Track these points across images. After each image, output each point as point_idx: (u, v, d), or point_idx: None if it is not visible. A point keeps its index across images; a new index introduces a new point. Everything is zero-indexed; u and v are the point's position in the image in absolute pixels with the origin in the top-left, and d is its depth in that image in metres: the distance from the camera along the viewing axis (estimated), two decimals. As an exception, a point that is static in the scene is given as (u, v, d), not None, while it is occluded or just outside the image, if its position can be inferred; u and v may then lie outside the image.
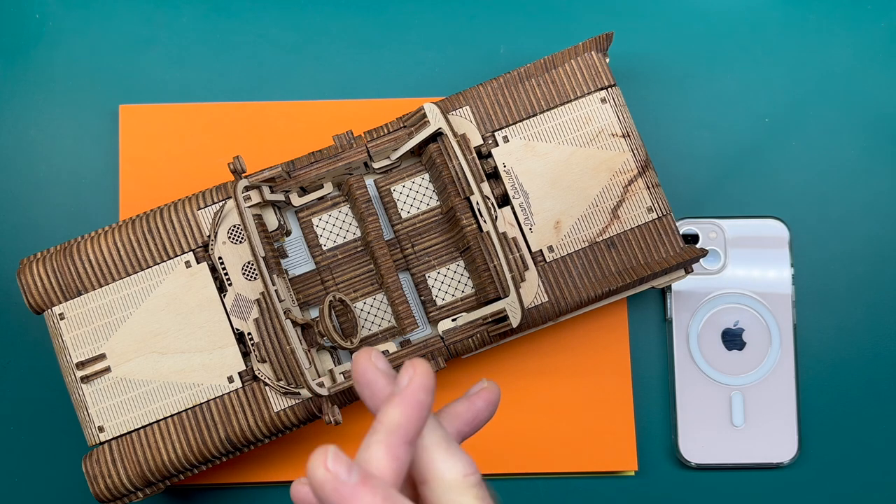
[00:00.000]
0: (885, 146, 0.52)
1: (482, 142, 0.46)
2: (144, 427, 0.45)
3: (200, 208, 0.45)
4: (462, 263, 0.47)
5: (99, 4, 0.52)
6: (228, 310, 0.45)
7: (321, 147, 0.49)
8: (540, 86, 0.46)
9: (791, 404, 0.50)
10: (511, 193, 0.46)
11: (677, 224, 0.48)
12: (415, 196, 0.47)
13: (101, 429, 0.45)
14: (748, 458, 0.50)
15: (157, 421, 0.45)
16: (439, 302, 0.46)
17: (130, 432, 0.45)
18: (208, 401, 0.45)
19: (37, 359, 0.50)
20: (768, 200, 0.52)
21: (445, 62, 0.52)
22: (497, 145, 0.46)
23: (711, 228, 0.51)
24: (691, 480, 0.50)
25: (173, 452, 0.44)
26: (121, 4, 0.52)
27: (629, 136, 0.46)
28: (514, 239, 0.45)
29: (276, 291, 0.43)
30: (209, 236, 0.45)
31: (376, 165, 0.46)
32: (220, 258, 0.45)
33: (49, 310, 0.45)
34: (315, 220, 0.47)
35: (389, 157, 0.46)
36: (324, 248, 0.47)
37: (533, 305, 0.45)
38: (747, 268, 0.51)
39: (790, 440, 0.50)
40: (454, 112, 0.46)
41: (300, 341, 0.44)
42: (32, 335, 0.50)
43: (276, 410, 0.45)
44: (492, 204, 0.45)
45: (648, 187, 0.46)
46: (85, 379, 0.45)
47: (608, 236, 0.46)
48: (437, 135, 0.45)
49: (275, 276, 0.44)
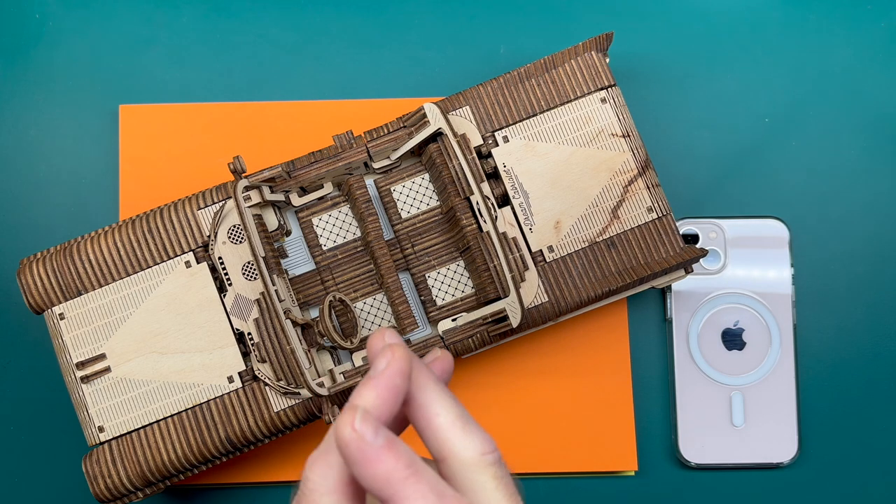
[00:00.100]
0: (885, 146, 0.52)
1: (482, 142, 0.46)
2: (144, 427, 0.45)
3: (200, 208, 0.45)
4: (462, 263, 0.47)
5: (99, 4, 0.52)
6: (228, 310, 0.45)
7: (321, 147, 0.49)
8: (540, 86, 0.46)
9: (791, 404, 0.50)
10: (511, 193, 0.46)
11: (677, 224, 0.48)
12: (415, 196, 0.47)
13: (101, 429, 0.45)
14: (748, 458, 0.50)
15: (157, 421, 0.45)
16: (439, 302, 0.46)
17: (130, 432, 0.45)
18: (208, 401, 0.45)
19: (37, 359, 0.50)
20: (768, 200, 0.52)
21: (445, 62, 0.52)
22: (497, 145, 0.46)
23: (711, 228, 0.51)
24: (691, 480, 0.50)
25: (173, 452, 0.44)
26: (121, 4, 0.52)
27: (629, 136, 0.46)
28: (514, 239, 0.45)
29: (276, 291, 0.43)
30: (209, 236, 0.45)
31: (376, 165, 0.46)
32: (220, 258, 0.45)
33: (49, 310, 0.45)
34: (315, 220, 0.47)
35: (389, 157, 0.46)
36: (324, 248, 0.47)
37: (533, 305, 0.45)
38: (747, 268, 0.51)
39: (790, 440, 0.50)
40: (454, 112, 0.46)
41: (300, 341, 0.44)
42: (32, 335, 0.50)
43: (276, 410, 0.45)
44: (492, 204, 0.45)
45: (648, 187, 0.46)
46: (85, 379, 0.45)
47: (608, 236, 0.46)
48: (437, 135, 0.45)
49: (275, 276, 0.44)
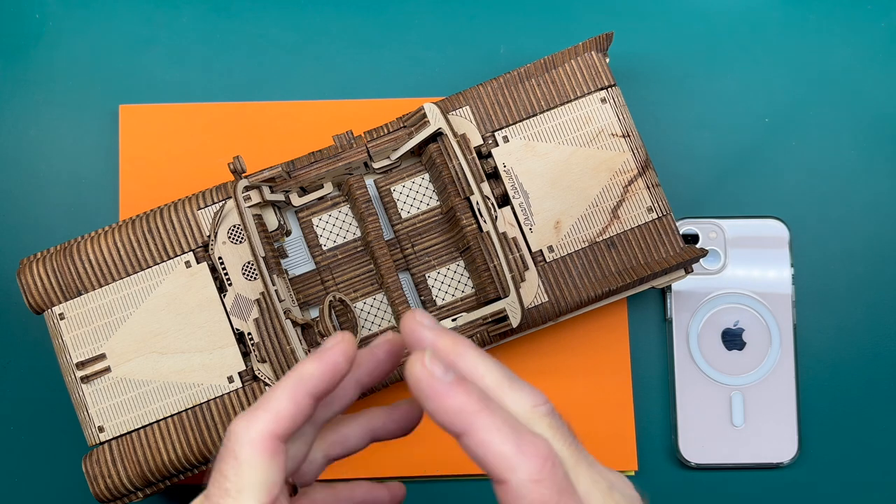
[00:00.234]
0: (885, 146, 0.52)
1: (482, 142, 0.46)
2: (144, 427, 0.45)
3: (200, 208, 0.45)
4: (462, 263, 0.47)
5: (99, 4, 0.52)
6: (228, 310, 0.45)
7: (321, 147, 0.49)
8: (540, 86, 0.46)
9: (791, 404, 0.50)
10: (511, 193, 0.46)
11: (677, 224, 0.48)
12: (415, 196, 0.47)
13: (101, 429, 0.45)
14: (748, 458, 0.49)
15: (157, 421, 0.45)
16: (439, 302, 0.46)
17: (130, 432, 0.45)
18: (208, 401, 0.45)
19: (37, 359, 0.50)
20: (768, 200, 0.52)
21: (445, 62, 0.52)
22: (497, 145, 0.46)
23: (711, 228, 0.51)
24: (691, 480, 0.50)
25: (173, 452, 0.44)
26: (121, 4, 0.52)
27: (629, 136, 0.46)
28: (514, 239, 0.45)
29: (276, 291, 0.43)
30: (209, 236, 0.45)
31: (376, 165, 0.46)
32: (220, 258, 0.45)
33: (49, 310, 0.45)
34: (315, 220, 0.47)
35: (389, 157, 0.46)
36: (324, 248, 0.47)
37: (533, 305, 0.45)
38: (747, 268, 0.51)
39: (790, 440, 0.50)
40: (454, 112, 0.46)
41: (300, 341, 0.44)
42: (32, 335, 0.50)
43: (276, 410, 0.45)
44: (492, 204, 0.45)
45: (648, 187, 0.46)
46: (85, 379, 0.45)
47: (608, 236, 0.46)
48: (437, 135, 0.45)
49: (275, 276, 0.44)
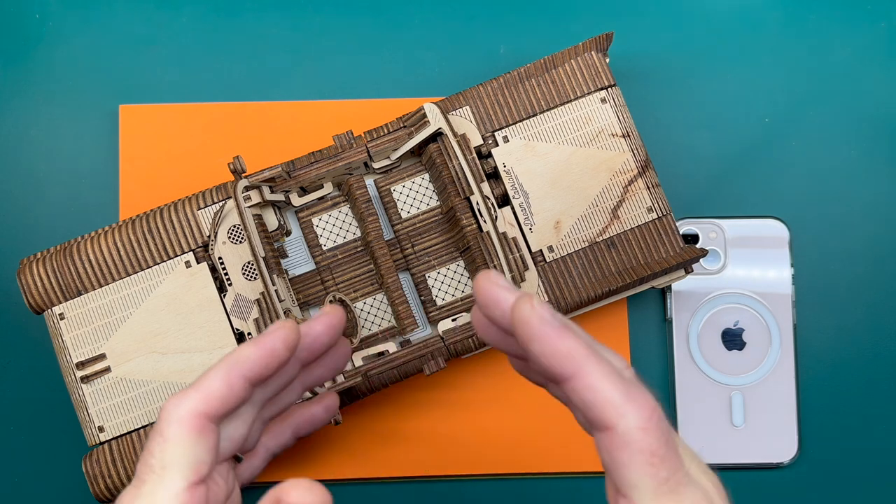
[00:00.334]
0: (885, 146, 0.52)
1: (482, 142, 0.46)
2: (144, 427, 0.45)
3: (200, 208, 0.45)
4: (462, 263, 0.47)
5: (99, 4, 0.52)
6: (228, 310, 0.45)
7: (321, 147, 0.49)
8: (540, 86, 0.46)
9: (791, 404, 0.50)
10: (511, 193, 0.46)
11: (677, 224, 0.48)
12: (415, 196, 0.47)
13: (101, 429, 0.45)
14: (748, 458, 0.49)
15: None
16: (439, 302, 0.46)
17: (130, 432, 0.45)
18: (208, 401, 0.45)
19: (37, 359, 0.50)
20: (768, 200, 0.52)
21: (445, 62, 0.52)
22: (497, 145, 0.46)
23: (711, 228, 0.51)
24: (691, 480, 0.50)
25: (173, 452, 0.44)
26: (121, 4, 0.52)
27: (629, 136, 0.46)
28: (514, 239, 0.45)
29: (276, 291, 0.43)
30: (209, 236, 0.45)
31: (376, 165, 0.46)
32: (220, 258, 0.45)
33: (49, 310, 0.45)
34: (315, 220, 0.47)
35: (389, 157, 0.46)
36: (324, 248, 0.47)
37: (533, 305, 0.45)
38: (747, 268, 0.51)
39: (790, 440, 0.50)
40: (454, 112, 0.46)
41: (300, 341, 0.44)
42: (32, 335, 0.50)
43: (276, 410, 0.45)
44: (492, 204, 0.45)
45: (648, 187, 0.46)
46: (85, 379, 0.45)
47: (608, 236, 0.46)
48: (437, 135, 0.45)
49: (275, 276, 0.44)
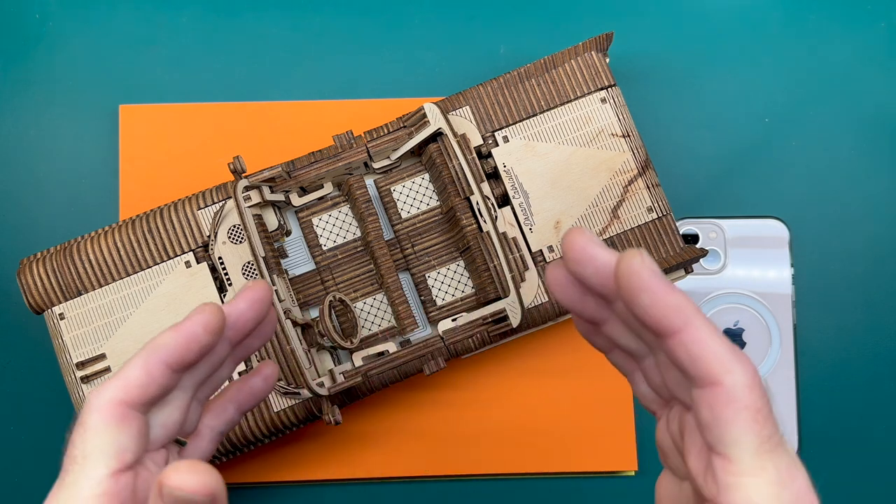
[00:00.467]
0: (885, 146, 0.52)
1: (482, 142, 0.46)
2: (144, 427, 0.45)
3: (200, 208, 0.45)
4: (462, 263, 0.47)
5: (99, 4, 0.52)
6: (228, 310, 0.45)
7: (321, 147, 0.49)
8: (540, 86, 0.46)
9: (791, 404, 0.50)
10: (511, 193, 0.46)
11: (677, 224, 0.48)
12: (415, 196, 0.47)
13: (101, 429, 0.45)
14: (748, 458, 0.49)
15: (157, 421, 0.45)
16: (439, 302, 0.46)
17: (130, 432, 0.45)
18: (208, 401, 0.45)
19: (37, 359, 0.50)
20: (768, 200, 0.52)
21: (445, 62, 0.52)
22: (497, 145, 0.46)
23: (711, 228, 0.51)
24: (691, 480, 0.50)
25: (173, 452, 0.44)
26: (121, 5, 0.52)
27: (629, 136, 0.46)
28: (514, 239, 0.45)
29: (276, 291, 0.43)
30: (209, 236, 0.45)
31: (376, 165, 0.46)
32: (220, 258, 0.45)
33: (49, 310, 0.45)
34: (315, 220, 0.47)
35: (389, 157, 0.46)
36: (324, 248, 0.47)
37: (533, 305, 0.45)
38: (747, 268, 0.51)
39: (790, 439, 0.50)
40: (454, 112, 0.46)
41: (300, 341, 0.44)
42: (32, 335, 0.50)
43: (276, 410, 0.45)
44: (492, 204, 0.45)
45: (648, 187, 0.46)
46: (85, 379, 0.45)
47: (608, 236, 0.46)
48: (437, 135, 0.45)
49: (275, 276, 0.44)
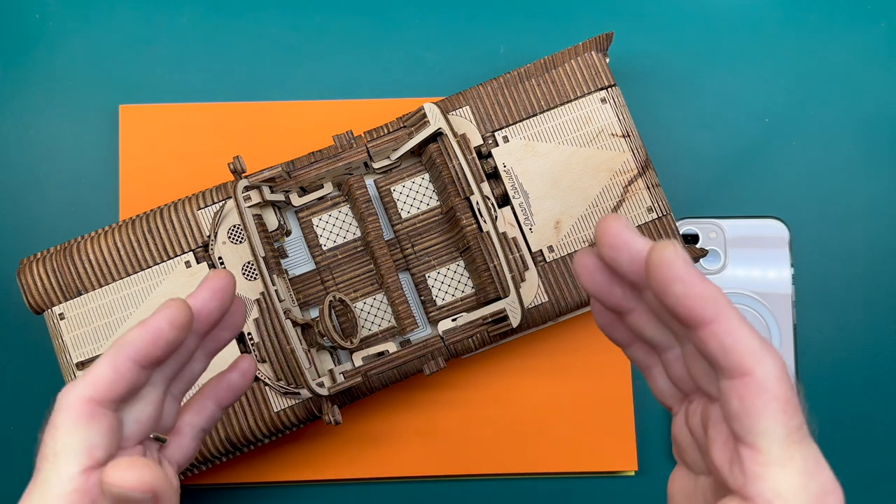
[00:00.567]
0: (885, 146, 0.52)
1: (482, 142, 0.46)
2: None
3: (200, 208, 0.45)
4: (462, 263, 0.47)
5: (99, 4, 0.52)
6: (228, 310, 0.45)
7: (321, 147, 0.49)
8: (540, 86, 0.46)
9: (791, 404, 0.50)
10: (511, 193, 0.46)
11: (677, 224, 0.48)
12: (415, 196, 0.47)
13: (101, 429, 0.45)
14: (748, 458, 0.49)
15: (157, 421, 0.45)
16: (439, 302, 0.46)
17: (130, 432, 0.45)
18: (208, 401, 0.44)
19: (37, 359, 0.50)
20: (768, 200, 0.52)
21: (445, 62, 0.52)
22: (497, 145, 0.46)
23: (711, 228, 0.51)
24: (691, 480, 0.50)
25: (173, 452, 0.44)
26: (121, 4, 0.52)
27: (629, 136, 0.46)
28: (514, 239, 0.45)
29: (276, 291, 0.43)
30: (209, 236, 0.45)
31: (376, 165, 0.46)
32: (220, 258, 0.45)
33: (49, 310, 0.45)
34: (315, 220, 0.47)
35: (389, 157, 0.46)
36: (324, 248, 0.46)
37: (533, 305, 0.45)
38: (747, 268, 0.51)
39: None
40: (454, 112, 0.46)
41: (300, 341, 0.44)
42: (32, 335, 0.50)
43: (276, 410, 0.45)
44: (492, 204, 0.45)
45: (648, 187, 0.46)
46: (85, 379, 0.44)
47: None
48: (437, 135, 0.45)
49: (275, 276, 0.44)
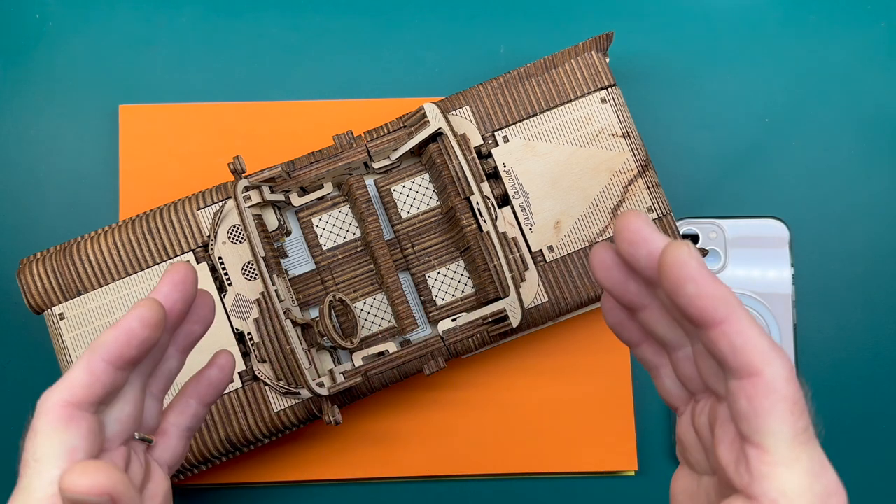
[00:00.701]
0: (885, 146, 0.52)
1: (482, 142, 0.46)
2: (144, 427, 0.45)
3: (200, 208, 0.45)
4: (462, 263, 0.47)
5: (99, 4, 0.52)
6: (228, 310, 0.45)
7: (321, 147, 0.49)
8: (540, 86, 0.46)
9: (791, 404, 0.50)
10: (511, 193, 0.46)
11: (677, 224, 0.48)
12: (415, 196, 0.47)
13: (101, 429, 0.45)
14: (748, 458, 0.49)
15: (157, 421, 0.45)
16: (439, 302, 0.46)
17: (130, 432, 0.45)
18: (208, 401, 0.45)
19: (37, 359, 0.50)
20: (768, 200, 0.52)
21: (445, 62, 0.52)
22: (497, 145, 0.46)
23: (711, 228, 0.51)
24: (691, 480, 0.50)
25: (173, 452, 0.44)
26: (121, 4, 0.52)
27: (629, 136, 0.46)
28: (514, 239, 0.45)
29: (276, 291, 0.43)
30: (209, 236, 0.45)
31: (376, 165, 0.46)
32: (220, 258, 0.45)
33: (49, 310, 0.45)
34: (315, 220, 0.47)
35: (389, 157, 0.46)
36: (324, 248, 0.47)
37: (533, 305, 0.45)
38: (747, 268, 0.51)
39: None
40: (454, 112, 0.46)
41: (300, 341, 0.44)
42: (32, 335, 0.50)
43: (276, 410, 0.45)
44: (492, 204, 0.45)
45: (648, 187, 0.46)
46: (85, 379, 0.44)
47: (608, 236, 0.46)
48: (437, 135, 0.45)
49: (275, 276, 0.44)
